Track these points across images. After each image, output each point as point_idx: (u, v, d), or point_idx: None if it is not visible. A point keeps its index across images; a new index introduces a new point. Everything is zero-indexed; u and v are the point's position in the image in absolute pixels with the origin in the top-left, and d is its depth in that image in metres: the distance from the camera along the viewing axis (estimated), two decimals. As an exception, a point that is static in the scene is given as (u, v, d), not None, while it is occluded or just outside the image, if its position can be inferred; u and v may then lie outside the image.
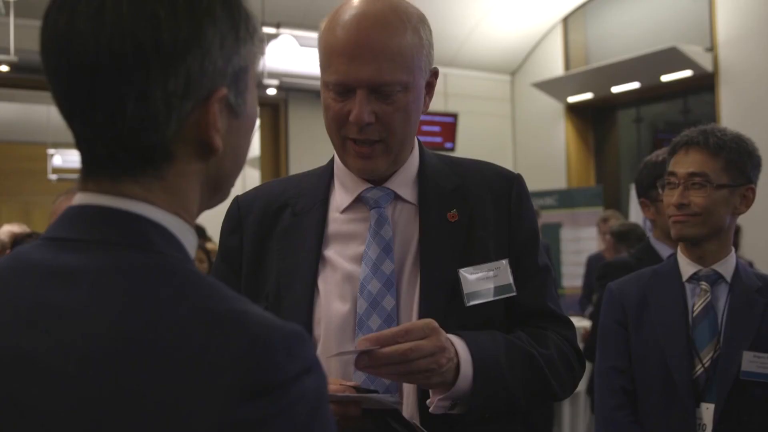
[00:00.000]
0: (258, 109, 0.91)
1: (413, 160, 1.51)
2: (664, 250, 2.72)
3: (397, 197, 1.48)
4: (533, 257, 1.51)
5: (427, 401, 1.33)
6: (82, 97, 0.76)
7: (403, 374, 1.26)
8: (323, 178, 1.54)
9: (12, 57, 5.66)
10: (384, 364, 1.23)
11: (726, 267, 1.97)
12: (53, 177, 10.10)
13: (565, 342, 1.50)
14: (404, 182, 1.49)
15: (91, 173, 0.80)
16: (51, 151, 10.27)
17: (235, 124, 0.84)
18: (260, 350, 0.67)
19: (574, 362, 1.50)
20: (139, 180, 0.79)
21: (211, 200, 0.87)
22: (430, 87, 1.47)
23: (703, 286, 1.96)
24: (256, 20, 0.86)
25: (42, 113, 9.78)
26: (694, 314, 1.95)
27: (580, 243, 7.91)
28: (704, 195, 1.91)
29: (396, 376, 1.27)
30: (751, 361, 1.84)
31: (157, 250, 0.76)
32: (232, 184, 0.90)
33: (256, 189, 1.60)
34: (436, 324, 1.29)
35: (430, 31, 1.44)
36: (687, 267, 2.00)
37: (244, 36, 0.83)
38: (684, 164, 1.95)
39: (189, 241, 0.82)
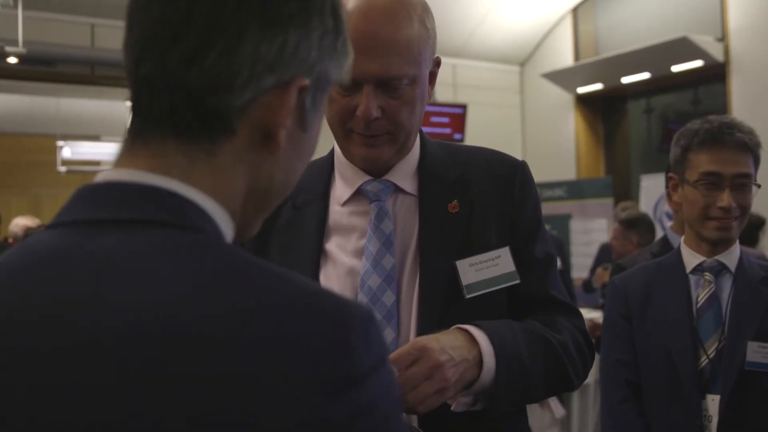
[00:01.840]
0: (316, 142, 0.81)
1: (415, 151, 1.48)
2: None
3: (398, 189, 1.45)
4: (534, 247, 1.47)
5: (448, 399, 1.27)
6: (168, 32, 0.67)
7: (414, 405, 1.17)
8: (323, 169, 1.51)
9: (20, 49, 5.66)
10: None
11: (730, 257, 1.95)
12: (62, 169, 10.10)
13: (576, 329, 1.46)
14: (405, 174, 1.46)
15: (135, 140, 0.70)
16: (60, 143, 10.27)
17: (299, 135, 0.76)
18: (340, 339, 0.58)
19: (586, 350, 1.47)
20: (187, 151, 0.69)
21: (252, 220, 0.77)
22: (432, 77, 1.43)
23: (707, 277, 1.94)
24: (351, 53, 0.81)
25: (51, 105, 9.80)
26: (698, 305, 1.92)
27: (589, 234, 7.87)
28: (748, 196, 1.87)
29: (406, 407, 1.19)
30: (756, 351, 1.82)
31: (199, 228, 0.66)
32: (272, 208, 0.79)
33: None
34: (423, 342, 1.21)
35: (434, 19, 1.41)
36: (691, 258, 1.97)
37: (341, 50, 0.77)
38: (728, 164, 1.86)
39: (228, 231, 0.71)
